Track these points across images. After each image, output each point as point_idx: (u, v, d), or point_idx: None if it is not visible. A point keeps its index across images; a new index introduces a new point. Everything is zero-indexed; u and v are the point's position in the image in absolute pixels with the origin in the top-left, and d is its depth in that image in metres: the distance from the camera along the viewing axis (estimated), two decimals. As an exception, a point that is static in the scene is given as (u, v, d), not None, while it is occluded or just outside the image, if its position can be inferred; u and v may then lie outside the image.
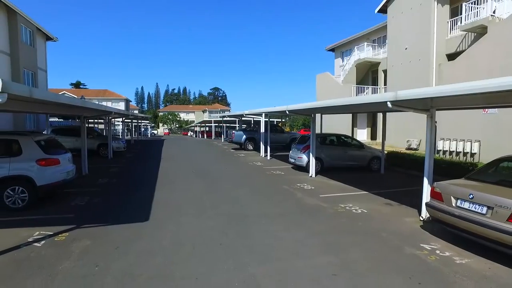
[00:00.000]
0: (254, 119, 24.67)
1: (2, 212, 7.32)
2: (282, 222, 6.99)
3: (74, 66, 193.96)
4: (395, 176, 13.04)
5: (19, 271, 4.59)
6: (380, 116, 15.19)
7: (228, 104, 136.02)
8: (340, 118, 25.36)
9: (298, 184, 10.97)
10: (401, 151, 16.29)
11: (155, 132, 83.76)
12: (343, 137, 15.00)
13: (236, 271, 4.66)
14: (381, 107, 8.07)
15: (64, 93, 62.90)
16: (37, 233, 6.05)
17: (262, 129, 19.41)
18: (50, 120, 27.87)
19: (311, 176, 12.43)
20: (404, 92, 6.41)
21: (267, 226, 6.72)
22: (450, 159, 14.10)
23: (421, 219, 7.09)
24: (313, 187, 10.54)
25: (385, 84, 25.12)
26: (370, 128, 27.88)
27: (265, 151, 18.93)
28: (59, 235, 6.00)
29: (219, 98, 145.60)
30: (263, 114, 18.43)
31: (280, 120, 33.16)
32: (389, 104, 6.56)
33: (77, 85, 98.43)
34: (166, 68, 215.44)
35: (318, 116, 16.21)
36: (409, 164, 13.68)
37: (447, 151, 16.55)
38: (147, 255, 5.17)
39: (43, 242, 5.65)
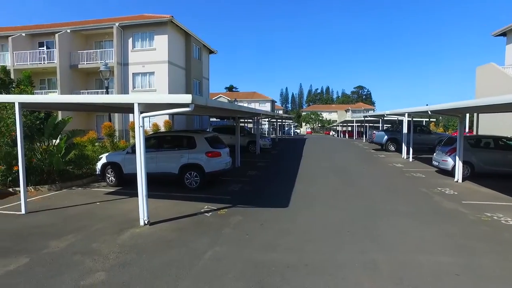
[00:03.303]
0: (398, 118, 23.45)
1: (183, 190, 9.89)
2: (411, 220, 7.11)
3: (228, 72, 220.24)
4: None
5: (199, 229, 6.55)
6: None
7: (372, 103, 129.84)
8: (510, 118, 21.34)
9: (439, 188, 10.39)
10: None
11: (298, 131, 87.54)
12: (504, 140, 12.98)
13: (359, 254, 5.30)
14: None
15: (220, 96, 73.05)
16: (206, 206, 8.09)
17: (405, 130, 18.49)
18: (210, 120, 33.42)
19: (456, 181, 11.44)
20: None
21: (395, 221, 7.00)
22: None
23: None
24: (456, 193, 9.83)
25: None
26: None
27: (407, 153, 18.00)
28: (221, 210, 7.85)
29: (363, 97, 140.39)
30: (406, 114, 17.57)
31: (428, 120, 30.25)
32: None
33: (230, 88, 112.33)
34: (310, 68, 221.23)
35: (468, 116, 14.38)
36: None
37: None
38: (285, 233, 6.35)
39: (210, 213, 7.59)
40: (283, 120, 51.53)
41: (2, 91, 11.69)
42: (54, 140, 11.63)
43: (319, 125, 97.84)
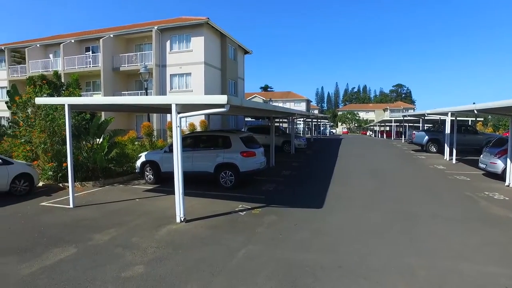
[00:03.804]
0: (441, 118, 22.33)
1: (218, 189, 10.08)
2: (453, 226, 6.74)
3: (263, 72, 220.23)
4: None
5: (234, 227, 6.67)
6: None
7: (412, 102, 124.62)
8: None
9: (486, 193, 9.75)
10: None
11: (334, 131, 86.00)
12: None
13: (395, 258, 5.12)
14: None
15: (255, 96, 73.40)
16: (241, 205, 8.19)
17: (447, 130, 17.55)
18: (245, 120, 33.71)
19: (507, 186, 10.66)
20: None
21: (435, 227, 6.67)
22: None
23: None
24: (506, 198, 9.16)
25: None
26: None
27: (450, 154, 17.08)
28: (255, 209, 7.92)
29: (402, 96, 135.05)
30: (449, 114, 16.66)
31: (475, 119, 28.49)
32: None
33: (265, 88, 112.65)
34: (346, 67, 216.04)
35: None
36: None
37: None
38: (319, 233, 6.28)
39: (245, 212, 7.68)
40: (319, 120, 50.86)
41: (54, 94, 12.56)
42: (98, 139, 12.33)
43: (356, 125, 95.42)
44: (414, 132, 23.75)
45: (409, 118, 32.18)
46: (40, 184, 10.86)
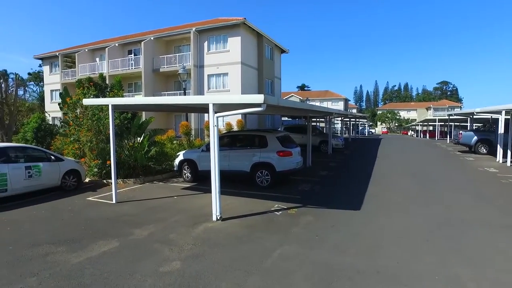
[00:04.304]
0: (493, 117, 20.78)
1: (254, 188, 10.10)
2: (508, 234, 6.21)
3: (300, 71, 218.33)
4: None
5: (268, 227, 6.63)
6: None
7: (459, 100, 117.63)
8: None
9: (546, 198, 8.93)
10: None
11: (373, 131, 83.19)
12: None
13: (439, 266, 4.81)
14: None
15: (292, 95, 72.86)
16: (276, 205, 8.14)
17: (501, 130, 16.30)
18: (282, 119, 33.56)
19: None
20: None
21: (486, 234, 6.18)
22: None
23: None
24: None
25: None
26: None
27: (504, 156, 15.84)
28: (291, 209, 7.83)
29: (448, 93, 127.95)
30: (503, 112, 15.44)
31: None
32: None
33: (302, 87, 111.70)
34: (386, 65, 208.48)
35: None
36: None
37: None
38: (356, 236, 6.07)
39: (280, 212, 7.62)
40: (357, 119, 49.49)
41: (99, 95, 13.27)
42: (138, 138, 12.83)
43: (396, 124, 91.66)
44: (460, 132, 22.33)
45: (455, 117, 30.35)
46: (87, 180, 11.51)
